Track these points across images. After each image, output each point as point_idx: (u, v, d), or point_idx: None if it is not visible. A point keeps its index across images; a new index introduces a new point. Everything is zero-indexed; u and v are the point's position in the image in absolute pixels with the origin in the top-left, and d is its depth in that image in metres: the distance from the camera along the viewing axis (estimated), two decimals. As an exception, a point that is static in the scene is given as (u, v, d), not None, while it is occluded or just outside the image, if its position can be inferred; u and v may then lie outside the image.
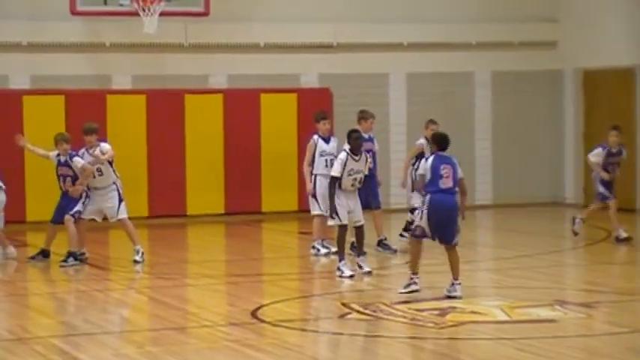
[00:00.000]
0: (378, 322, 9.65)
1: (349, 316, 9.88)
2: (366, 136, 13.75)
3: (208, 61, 18.26)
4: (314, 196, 13.64)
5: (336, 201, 12.01)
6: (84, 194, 13.19)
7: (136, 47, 17.75)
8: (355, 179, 12.12)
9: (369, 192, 13.43)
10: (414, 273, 10.82)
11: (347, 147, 12.19)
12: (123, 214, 13.25)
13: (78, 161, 13.10)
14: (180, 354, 8.57)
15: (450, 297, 10.60)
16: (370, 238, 13.60)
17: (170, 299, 10.87)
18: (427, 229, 10.67)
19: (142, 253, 13.22)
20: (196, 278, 12.46)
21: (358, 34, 18.89)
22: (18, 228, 16.24)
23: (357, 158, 12.12)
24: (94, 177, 13.19)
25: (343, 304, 10.34)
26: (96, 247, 14.33)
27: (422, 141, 13.87)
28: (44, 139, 17.06)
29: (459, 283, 10.70)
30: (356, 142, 12.14)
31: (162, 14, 16.45)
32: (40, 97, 17.33)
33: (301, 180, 17.56)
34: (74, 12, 16.63)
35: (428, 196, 10.68)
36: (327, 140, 13.85)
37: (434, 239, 10.77)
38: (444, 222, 10.65)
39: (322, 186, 13.30)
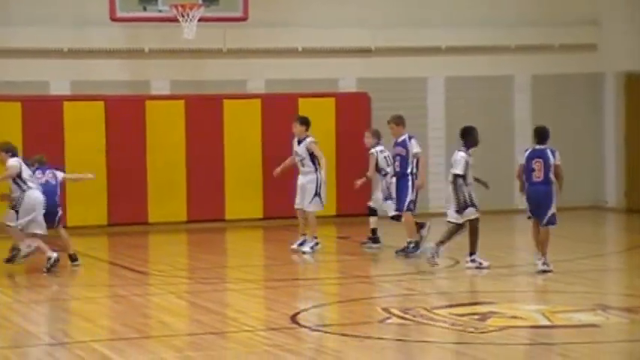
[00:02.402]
0: (418, 327, 9.60)
1: (389, 320, 9.84)
2: (399, 140, 13.81)
3: (247, 66, 18.29)
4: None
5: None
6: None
7: (175, 53, 17.82)
8: None
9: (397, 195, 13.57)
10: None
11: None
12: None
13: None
14: (219, 359, 8.57)
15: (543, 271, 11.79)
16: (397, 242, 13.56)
17: (210, 304, 10.88)
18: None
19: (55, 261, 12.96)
20: (235, 283, 12.46)
21: (396, 38, 18.84)
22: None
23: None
24: None
25: (383, 309, 10.30)
26: (135, 251, 14.39)
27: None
28: (84, 144, 17.23)
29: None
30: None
31: (201, 20, 16.48)
32: (80, 103, 17.44)
33: (340, 184, 17.57)
34: (114, 18, 16.71)
35: None
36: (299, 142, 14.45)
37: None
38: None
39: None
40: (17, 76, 17.32)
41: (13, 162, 13.11)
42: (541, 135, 12.22)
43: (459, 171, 12.35)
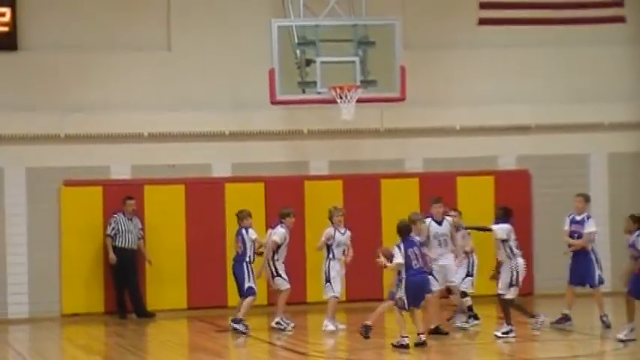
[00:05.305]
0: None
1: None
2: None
3: (404, 146, 18.30)
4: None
5: None
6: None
7: (333, 133, 17.99)
8: None
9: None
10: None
11: None
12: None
13: None
14: None
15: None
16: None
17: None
18: None
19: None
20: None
21: (556, 114, 18.54)
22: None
23: None
24: None
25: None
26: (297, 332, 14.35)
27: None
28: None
29: None
30: None
31: (359, 101, 16.57)
32: (240, 185, 17.76)
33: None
34: (274, 101, 16.96)
35: None
36: (439, 222, 14.51)
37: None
38: None
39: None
40: (181, 160, 17.79)
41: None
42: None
43: None
